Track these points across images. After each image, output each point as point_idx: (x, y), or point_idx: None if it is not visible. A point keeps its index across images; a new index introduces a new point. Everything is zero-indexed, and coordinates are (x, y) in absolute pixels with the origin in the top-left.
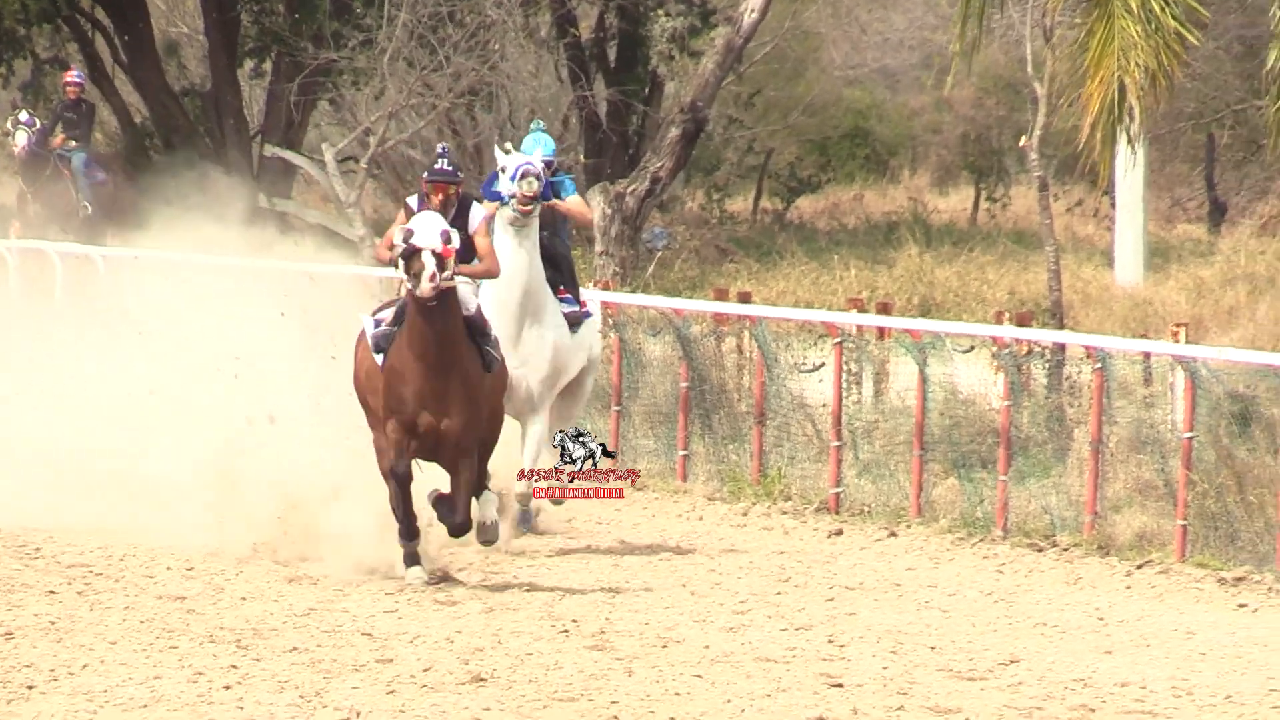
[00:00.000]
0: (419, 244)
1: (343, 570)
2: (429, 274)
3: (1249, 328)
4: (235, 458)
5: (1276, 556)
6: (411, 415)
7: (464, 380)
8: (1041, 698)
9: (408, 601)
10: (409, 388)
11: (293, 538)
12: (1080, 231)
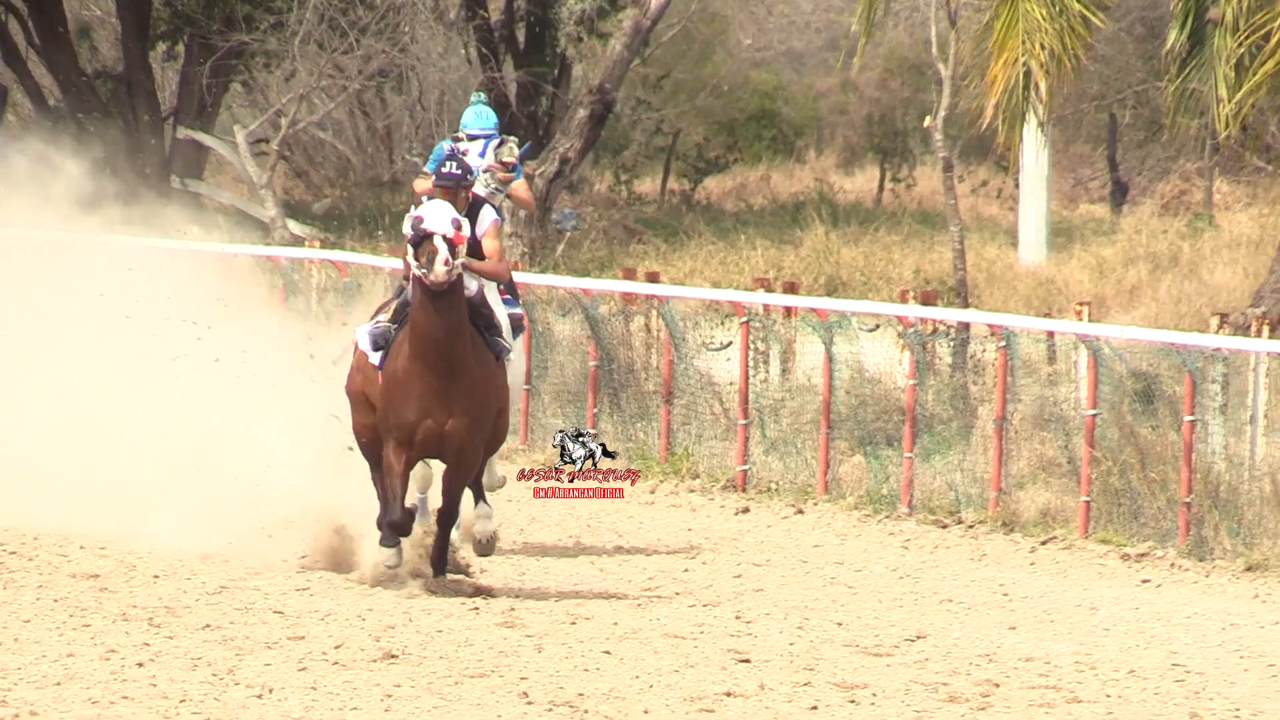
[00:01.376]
0: (430, 229)
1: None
2: (442, 258)
3: (1151, 306)
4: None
5: (1179, 533)
6: (413, 423)
7: (470, 378)
8: (947, 673)
9: (319, 579)
10: (410, 393)
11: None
12: (984, 211)
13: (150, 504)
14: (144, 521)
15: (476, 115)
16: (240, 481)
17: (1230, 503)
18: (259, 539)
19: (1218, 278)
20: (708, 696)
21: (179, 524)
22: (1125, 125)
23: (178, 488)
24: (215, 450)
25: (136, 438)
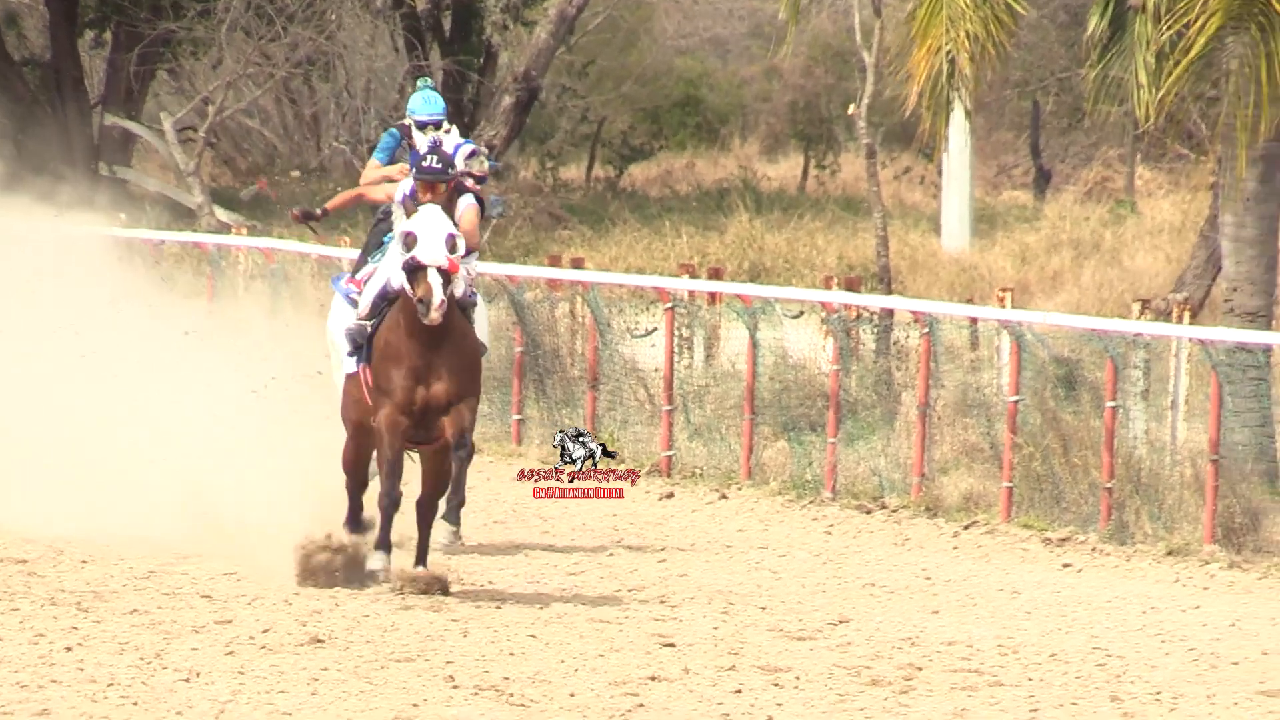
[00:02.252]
0: (424, 260)
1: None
2: (437, 302)
3: (1073, 292)
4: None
5: (1100, 517)
6: (407, 385)
7: (453, 346)
8: (870, 657)
9: (246, 564)
10: (404, 360)
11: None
12: (908, 198)
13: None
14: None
15: (425, 101)
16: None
17: (1151, 488)
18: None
19: (1139, 264)
20: (632, 680)
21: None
22: (1048, 112)
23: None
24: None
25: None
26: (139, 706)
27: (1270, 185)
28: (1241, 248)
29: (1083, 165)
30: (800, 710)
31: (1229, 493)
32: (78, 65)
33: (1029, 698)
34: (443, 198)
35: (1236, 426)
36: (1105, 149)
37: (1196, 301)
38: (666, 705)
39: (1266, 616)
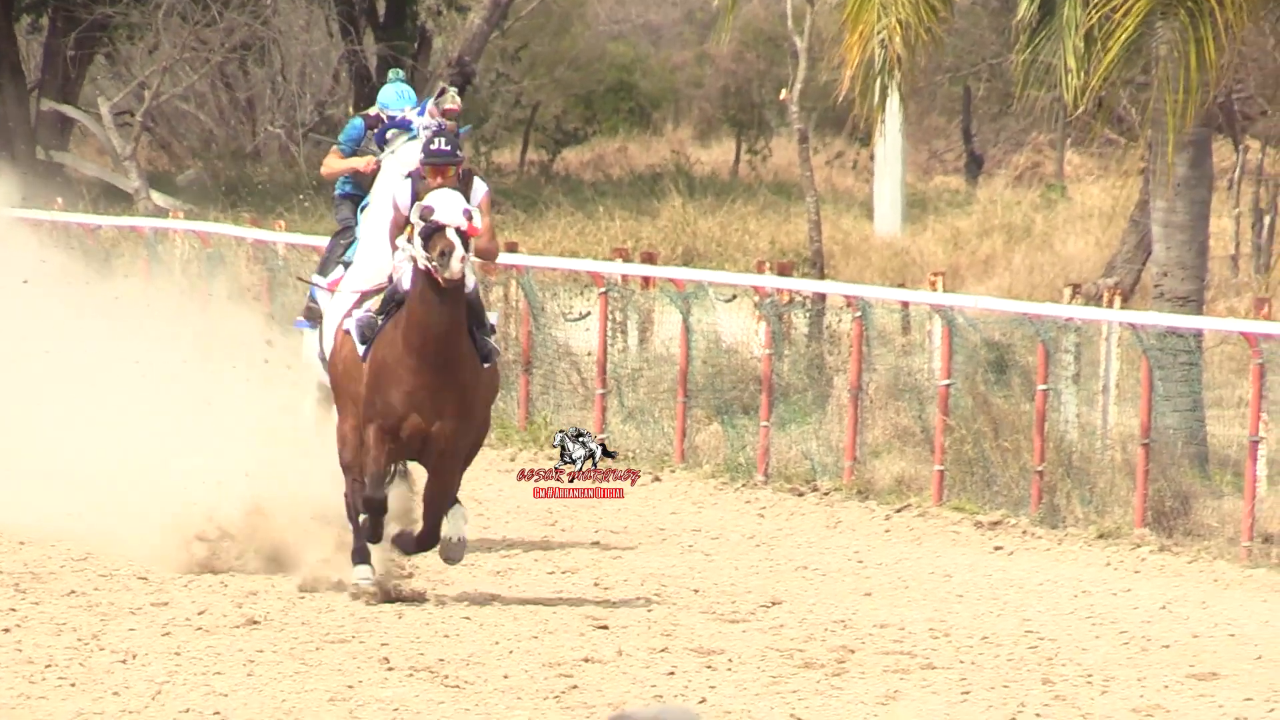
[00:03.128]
0: (442, 220)
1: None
2: (458, 255)
3: (1005, 277)
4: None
5: (1031, 501)
6: (398, 419)
7: (461, 379)
8: (802, 639)
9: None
10: (398, 388)
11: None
12: (840, 183)
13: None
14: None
15: (398, 95)
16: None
17: (1082, 471)
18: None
19: (1070, 248)
20: (566, 662)
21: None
22: (979, 98)
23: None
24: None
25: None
26: (76, 688)
27: (1200, 170)
28: (1172, 233)
29: (1014, 150)
30: (733, 692)
31: (1160, 476)
32: (15, 50)
33: (961, 680)
34: (452, 183)
35: (1167, 411)
36: (1036, 134)
37: (1127, 286)
38: (600, 687)
39: (1197, 600)
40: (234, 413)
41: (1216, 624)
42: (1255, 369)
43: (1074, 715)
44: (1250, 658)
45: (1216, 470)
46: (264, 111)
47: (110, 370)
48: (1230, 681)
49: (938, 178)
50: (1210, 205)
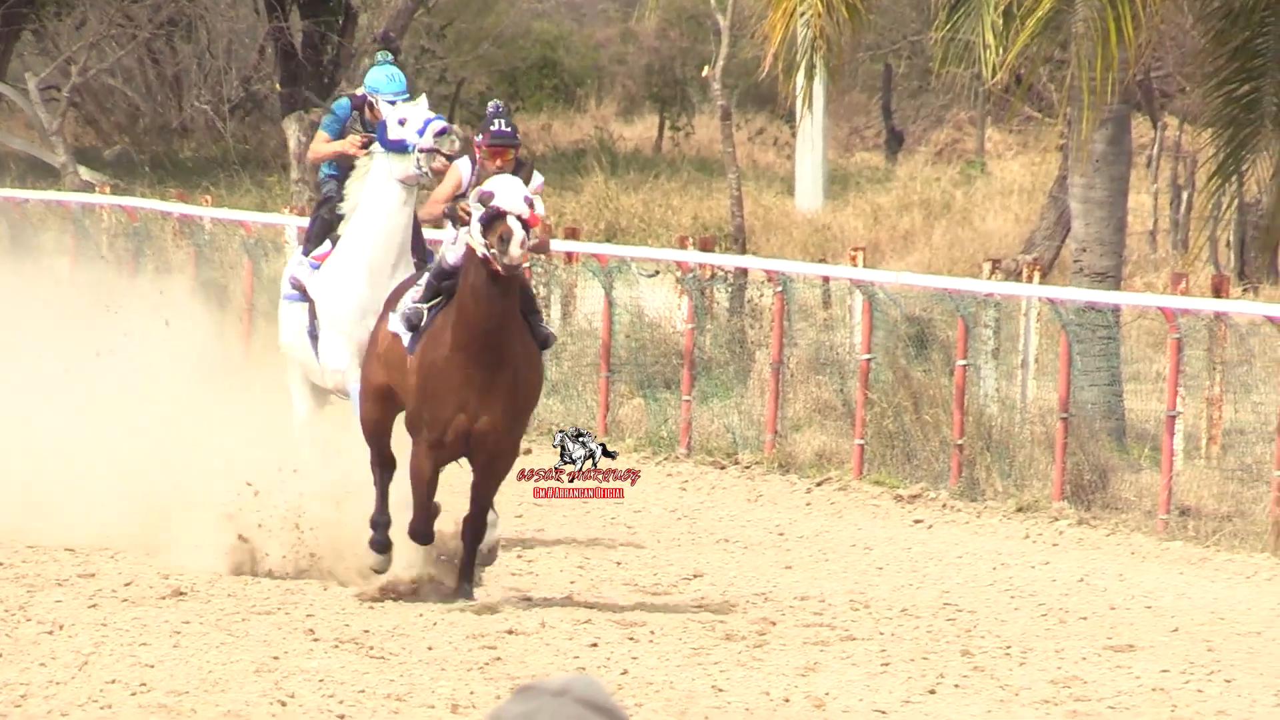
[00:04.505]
0: (504, 207)
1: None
2: (519, 240)
3: (925, 252)
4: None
5: (951, 474)
6: (446, 419)
7: (514, 372)
8: (724, 611)
9: (113, 515)
10: (448, 385)
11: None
12: (762, 159)
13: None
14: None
15: (389, 78)
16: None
17: (1002, 445)
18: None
19: (990, 224)
20: (490, 634)
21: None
22: (900, 75)
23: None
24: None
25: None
26: (3, 659)
27: (1119, 147)
28: (1090, 209)
29: (934, 127)
30: (655, 664)
31: (1078, 450)
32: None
33: (881, 651)
34: (511, 166)
35: (1085, 385)
36: (956, 111)
37: (1046, 262)
38: (523, 659)
39: (1114, 572)
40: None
41: (1133, 596)
42: (1172, 344)
43: (992, 686)
44: (1167, 630)
45: (1134, 444)
46: (190, 87)
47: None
48: (1147, 653)
49: (858, 154)
50: (1129, 182)
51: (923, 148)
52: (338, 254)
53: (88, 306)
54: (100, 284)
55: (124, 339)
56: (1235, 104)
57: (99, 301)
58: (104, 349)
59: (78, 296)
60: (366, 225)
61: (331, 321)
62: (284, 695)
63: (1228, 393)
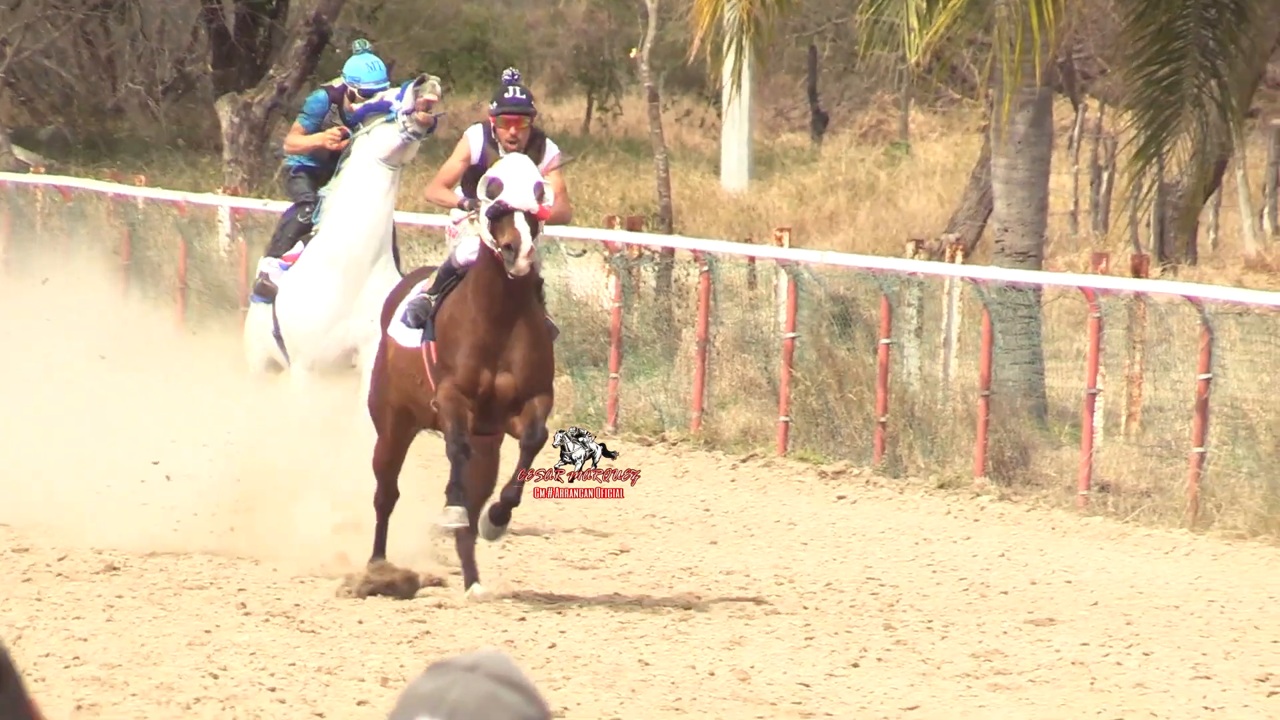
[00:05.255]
0: (511, 204)
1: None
2: (525, 249)
3: (849, 232)
4: None
5: (874, 451)
6: (473, 365)
7: (527, 344)
8: (650, 586)
9: (43, 487)
10: (470, 336)
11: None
12: (688, 140)
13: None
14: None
15: (369, 68)
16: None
17: (924, 422)
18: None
19: (913, 205)
20: (419, 608)
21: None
22: (825, 57)
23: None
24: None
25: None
26: None
27: (1040, 128)
28: (1012, 189)
29: (858, 109)
30: (582, 637)
31: (999, 427)
32: None
33: (805, 626)
34: (525, 134)
35: (1007, 363)
36: (880, 93)
37: (969, 241)
38: (452, 632)
39: (1035, 547)
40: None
41: (1054, 571)
42: (1093, 323)
43: (915, 660)
44: (1087, 603)
45: (1055, 421)
46: (124, 69)
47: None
48: (1067, 627)
49: (784, 135)
50: (1050, 163)
51: (847, 129)
52: (312, 250)
53: (18, 284)
54: (34, 262)
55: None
56: (1156, 86)
57: (33, 279)
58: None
59: (8, 275)
60: (346, 215)
61: (296, 348)
62: (216, 668)
63: (1147, 371)
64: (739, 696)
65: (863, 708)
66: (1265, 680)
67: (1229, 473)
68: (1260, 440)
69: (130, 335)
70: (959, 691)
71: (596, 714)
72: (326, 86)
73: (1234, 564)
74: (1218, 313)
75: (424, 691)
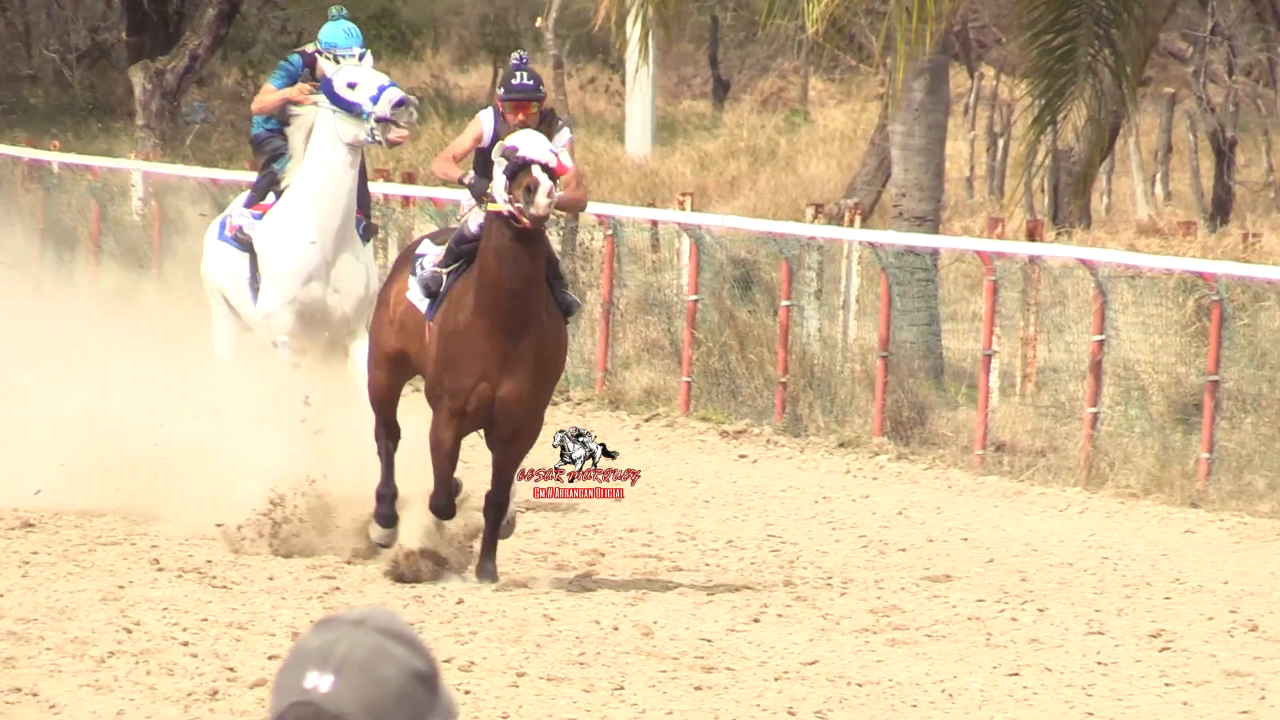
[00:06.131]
0: (528, 156)
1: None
2: (545, 189)
3: (750, 197)
4: None
5: (775, 411)
6: (468, 388)
7: (539, 338)
8: (555, 543)
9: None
10: (470, 353)
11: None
12: (593, 107)
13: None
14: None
15: (346, 34)
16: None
17: (824, 383)
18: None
19: (813, 170)
20: (329, 565)
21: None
22: (726, 26)
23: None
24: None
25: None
26: None
27: (936, 96)
28: (910, 155)
29: (759, 76)
30: (489, 594)
31: (897, 388)
32: None
33: (707, 582)
34: (535, 120)
35: (905, 325)
36: (780, 61)
37: (867, 206)
38: (361, 589)
39: (932, 505)
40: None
41: (950, 528)
42: (988, 285)
43: (814, 616)
44: (982, 560)
45: (951, 382)
46: (39, 37)
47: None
48: (963, 583)
49: (686, 102)
50: (946, 129)
51: (748, 96)
52: (282, 210)
53: None
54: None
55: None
56: (1051, 55)
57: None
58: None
59: None
60: (312, 186)
61: (276, 279)
62: (129, 623)
63: (1041, 333)
64: (642, 651)
65: (763, 662)
66: (1157, 636)
67: (1122, 433)
68: (1152, 401)
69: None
70: (857, 646)
71: (503, 667)
72: (301, 51)
73: (1127, 522)
74: (1111, 276)
75: (312, 646)
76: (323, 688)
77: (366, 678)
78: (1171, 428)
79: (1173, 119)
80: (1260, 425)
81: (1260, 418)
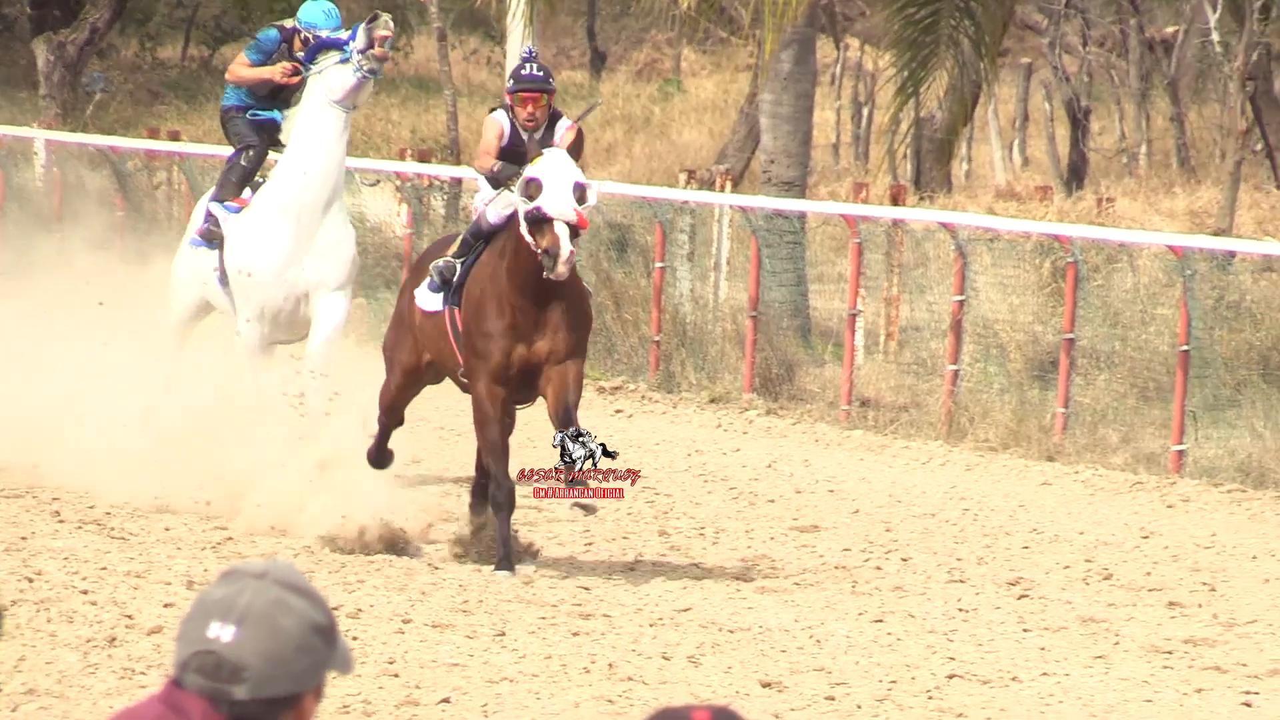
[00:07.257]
0: (551, 213)
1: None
2: (565, 255)
3: (626, 163)
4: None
5: (649, 368)
6: (506, 349)
7: (564, 304)
8: (440, 495)
9: None
10: (500, 310)
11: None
12: (475, 77)
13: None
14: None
15: (325, 14)
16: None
17: (696, 341)
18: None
19: (686, 138)
20: (223, 515)
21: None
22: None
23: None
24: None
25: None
26: None
27: (804, 66)
28: (779, 123)
29: (634, 48)
30: None
31: (766, 346)
32: None
33: (584, 533)
34: (544, 112)
35: (774, 286)
36: (654, 33)
37: (737, 172)
38: (252, 539)
39: (800, 458)
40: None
41: (818, 481)
42: (854, 248)
43: (687, 564)
44: (848, 511)
45: (818, 340)
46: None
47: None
48: (830, 533)
49: (564, 72)
50: (814, 99)
51: (624, 67)
52: (264, 196)
53: None
54: None
55: None
56: (915, 26)
57: None
58: None
59: None
60: (301, 160)
61: (245, 275)
62: (31, 572)
63: (904, 293)
64: (523, 599)
65: (639, 609)
66: (1015, 584)
67: (981, 389)
68: (1010, 358)
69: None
70: (729, 594)
71: (389, 615)
72: (278, 26)
73: (986, 474)
74: (970, 239)
75: (216, 598)
76: (225, 637)
77: (267, 628)
78: (1029, 384)
79: (1029, 88)
80: (1113, 382)
81: (1113, 374)
